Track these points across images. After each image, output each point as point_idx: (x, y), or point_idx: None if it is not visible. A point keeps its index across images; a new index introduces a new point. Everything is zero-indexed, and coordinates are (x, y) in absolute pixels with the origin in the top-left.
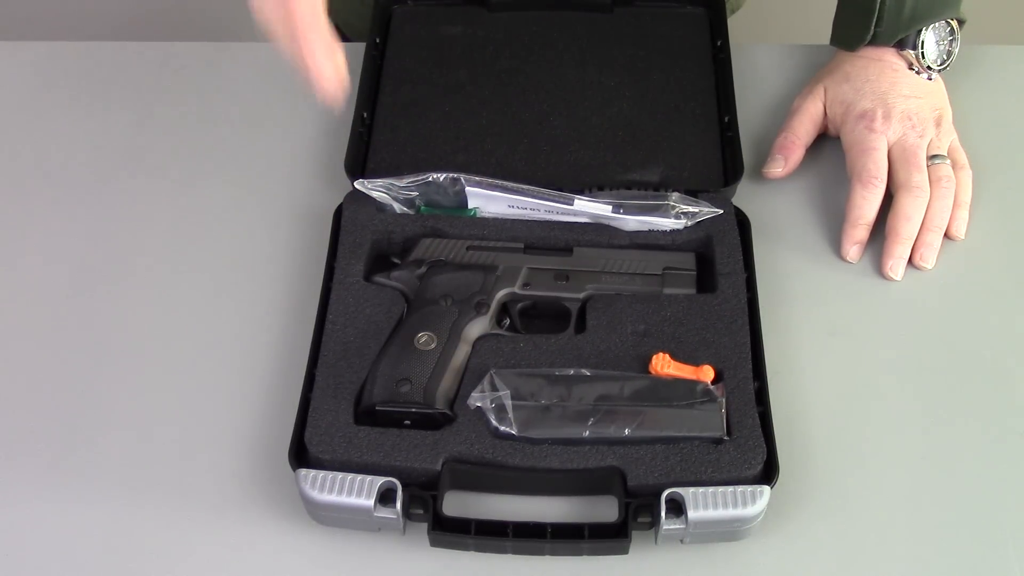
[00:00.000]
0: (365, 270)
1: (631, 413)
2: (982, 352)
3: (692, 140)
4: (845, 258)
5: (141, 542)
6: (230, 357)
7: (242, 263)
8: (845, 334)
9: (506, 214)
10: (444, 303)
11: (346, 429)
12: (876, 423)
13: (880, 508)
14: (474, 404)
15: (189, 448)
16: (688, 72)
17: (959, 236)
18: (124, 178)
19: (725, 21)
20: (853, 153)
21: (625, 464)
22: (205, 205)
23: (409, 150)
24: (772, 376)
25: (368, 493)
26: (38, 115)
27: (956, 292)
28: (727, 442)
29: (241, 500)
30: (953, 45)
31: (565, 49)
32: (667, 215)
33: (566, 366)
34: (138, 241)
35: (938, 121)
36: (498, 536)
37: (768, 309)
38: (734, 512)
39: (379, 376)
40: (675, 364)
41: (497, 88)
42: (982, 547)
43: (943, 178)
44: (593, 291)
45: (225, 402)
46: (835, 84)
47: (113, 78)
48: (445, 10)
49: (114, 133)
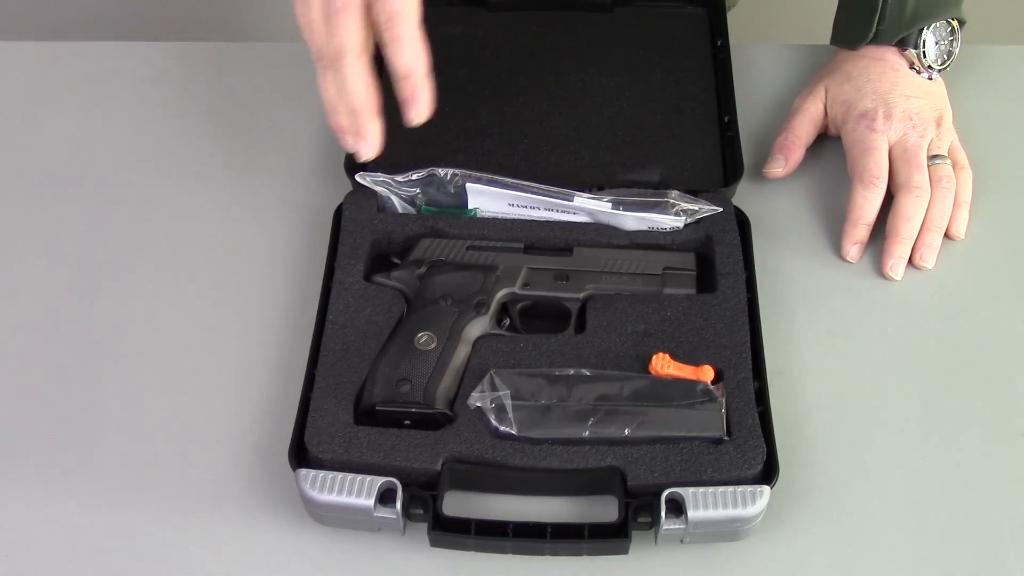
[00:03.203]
0: (365, 270)
1: (631, 413)
2: (982, 352)
3: (692, 140)
4: (845, 258)
5: (141, 542)
6: (230, 357)
7: (242, 263)
8: (845, 334)
9: (506, 213)
10: (444, 303)
11: (346, 429)
12: (876, 423)
13: (880, 508)
14: (474, 404)
15: (189, 448)
16: (688, 72)
17: (959, 236)
18: (124, 178)
19: (725, 21)
20: (854, 153)
21: (625, 464)
22: (205, 205)
23: (409, 149)
24: (772, 376)
25: (368, 493)
26: (38, 115)
27: (956, 292)
28: (727, 442)
29: (241, 500)
30: (954, 45)
31: (565, 49)
32: (667, 212)
33: (566, 366)
34: (138, 241)
35: (939, 121)
36: (498, 536)
37: (768, 309)
38: (734, 512)
39: (379, 376)
40: (675, 364)
41: (497, 88)
42: (982, 547)
43: (943, 178)
44: (593, 291)
45: (225, 402)
46: (836, 84)
47: (113, 78)
48: (445, 10)
49: (114, 133)
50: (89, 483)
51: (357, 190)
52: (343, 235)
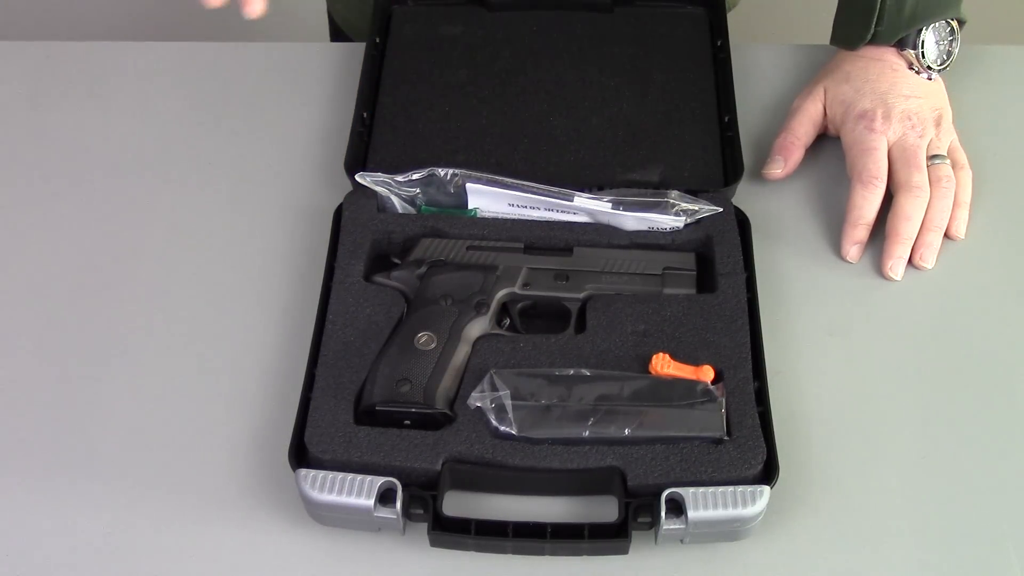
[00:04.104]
0: (365, 270)
1: (631, 413)
2: (982, 352)
3: (692, 140)
4: (845, 258)
5: (141, 542)
6: (230, 357)
7: (242, 263)
8: (845, 334)
9: (506, 213)
10: (444, 303)
11: (346, 429)
12: (876, 423)
13: (880, 508)
14: (474, 404)
15: (189, 448)
16: (688, 72)
17: (959, 236)
18: (124, 178)
19: (725, 21)
20: (853, 153)
21: (625, 464)
22: (205, 205)
23: (409, 150)
24: (772, 376)
25: (368, 493)
26: (38, 115)
27: (956, 292)
28: (727, 442)
29: (241, 500)
30: (953, 45)
31: (565, 49)
32: (667, 212)
33: (566, 366)
34: (138, 241)
35: (938, 121)
36: (498, 536)
37: (768, 309)
38: (734, 512)
39: (379, 376)
40: (675, 364)
41: (497, 88)
42: (982, 547)
43: (943, 178)
44: (593, 291)
45: (225, 402)
46: (835, 84)
47: (113, 78)
48: (445, 10)
49: (114, 133)
50: (89, 483)
51: (357, 190)
52: (343, 235)
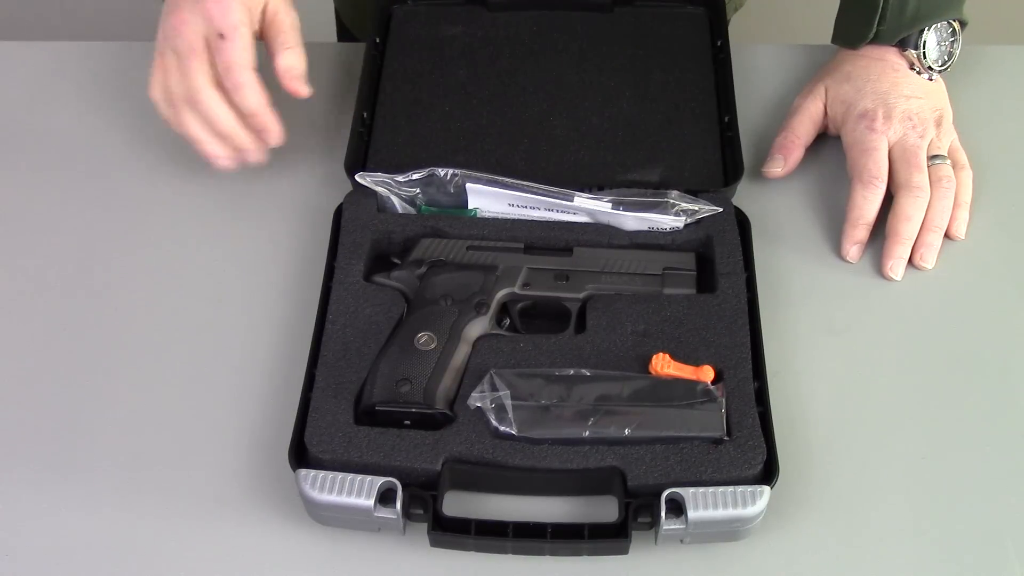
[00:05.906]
0: (365, 270)
1: (631, 413)
2: (982, 352)
3: (692, 140)
4: (845, 258)
5: (141, 542)
6: (230, 357)
7: (242, 263)
8: (845, 334)
9: (506, 213)
10: (444, 303)
11: (346, 429)
12: (876, 423)
13: (880, 508)
14: (474, 404)
15: (189, 448)
16: (688, 72)
17: (959, 236)
18: (124, 178)
19: (725, 21)
20: (854, 153)
21: (625, 464)
22: (205, 205)
23: (409, 150)
24: (772, 376)
25: (368, 493)
26: (38, 115)
27: (956, 292)
28: (727, 442)
29: (241, 500)
30: (954, 46)
31: (565, 49)
32: (667, 212)
33: (566, 366)
34: (138, 241)
35: (938, 121)
36: (498, 536)
37: (768, 309)
38: (734, 512)
39: (379, 376)
40: (675, 364)
41: (497, 88)
42: (982, 547)
43: (943, 178)
44: (593, 291)
45: (225, 402)
46: (836, 84)
47: (113, 78)
48: (445, 10)
49: (114, 133)
50: (89, 483)
51: (357, 190)
52: (343, 235)
